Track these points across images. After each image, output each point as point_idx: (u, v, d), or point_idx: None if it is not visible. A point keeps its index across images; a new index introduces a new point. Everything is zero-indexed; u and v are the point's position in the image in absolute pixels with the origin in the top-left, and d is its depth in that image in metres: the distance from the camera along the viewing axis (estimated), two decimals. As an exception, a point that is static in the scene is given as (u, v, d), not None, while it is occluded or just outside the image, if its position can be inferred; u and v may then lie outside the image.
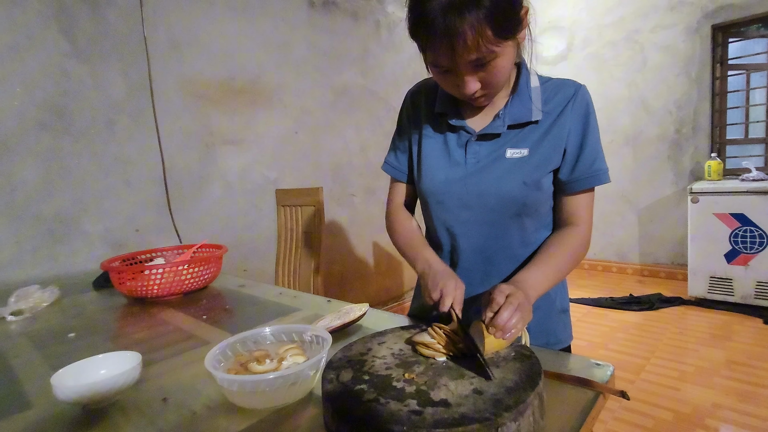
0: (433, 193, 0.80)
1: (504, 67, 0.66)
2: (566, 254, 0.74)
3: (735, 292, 2.78)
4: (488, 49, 0.60)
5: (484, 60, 0.62)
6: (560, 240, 0.76)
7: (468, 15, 0.57)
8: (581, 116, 0.75)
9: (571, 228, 0.77)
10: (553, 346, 0.84)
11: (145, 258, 1.30)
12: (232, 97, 2.10)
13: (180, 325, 0.92)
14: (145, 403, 0.59)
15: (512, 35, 0.63)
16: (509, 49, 0.64)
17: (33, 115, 1.53)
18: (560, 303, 0.86)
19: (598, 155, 0.76)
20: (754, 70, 3.36)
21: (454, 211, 0.79)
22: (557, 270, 0.73)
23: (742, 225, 2.70)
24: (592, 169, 0.75)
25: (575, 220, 0.77)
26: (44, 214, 1.55)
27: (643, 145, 3.58)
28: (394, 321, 0.86)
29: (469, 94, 0.68)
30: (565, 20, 3.91)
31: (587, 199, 0.78)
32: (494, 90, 0.70)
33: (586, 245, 0.77)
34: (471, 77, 0.65)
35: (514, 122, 0.75)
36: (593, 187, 0.77)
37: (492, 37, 0.59)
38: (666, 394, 1.86)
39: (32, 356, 0.79)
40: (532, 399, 0.45)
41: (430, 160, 0.81)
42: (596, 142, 0.76)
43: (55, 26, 1.56)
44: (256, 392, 0.52)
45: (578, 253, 0.76)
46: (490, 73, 0.65)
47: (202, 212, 2.01)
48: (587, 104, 0.76)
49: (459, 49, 0.60)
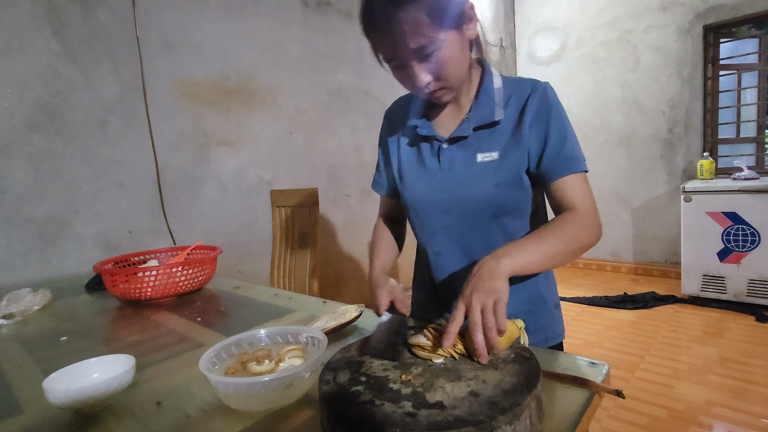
0: (414, 202, 0.84)
1: (451, 57, 0.67)
2: (554, 227, 0.69)
3: (728, 290, 2.81)
4: (427, 38, 0.64)
5: (426, 50, 0.65)
6: (552, 221, 0.72)
7: (405, 5, 0.61)
8: (540, 110, 0.74)
9: (566, 212, 0.73)
10: (551, 341, 0.86)
11: (139, 260, 1.29)
12: (226, 97, 2.09)
13: (174, 328, 0.92)
14: (139, 406, 0.58)
15: (452, 25, 0.66)
16: (453, 39, 0.67)
17: (24, 116, 1.51)
18: (552, 299, 0.87)
19: (565, 144, 0.73)
20: (745, 70, 3.39)
21: (436, 217, 0.82)
22: (540, 239, 0.66)
23: (735, 223, 2.73)
24: (560, 157, 0.72)
25: (567, 205, 0.73)
26: (35, 216, 1.53)
27: (637, 145, 3.60)
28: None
29: (422, 86, 0.70)
30: (558, 21, 3.93)
31: (572, 184, 0.73)
32: (448, 83, 0.71)
33: (584, 225, 0.70)
34: (420, 68, 0.68)
35: (479, 124, 0.77)
36: (576, 173, 0.73)
37: (429, 24, 0.63)
38: (660, 392, 1.88)
39: (24, 360, 0.78)
40: (528, 402, 0.44)
41: (409, 172, 0.85)
42: (562, 132, 0.73)
43: (46, 26, 1.55)
44: (251, 395, 0.52)
45: (571, 230, 0.68)
46: (438, 64, 0.67)
47: (196, 213, 1.99)
48: (546, 99, 0.74)
49: (399, 38, 0.64)
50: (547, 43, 4.03)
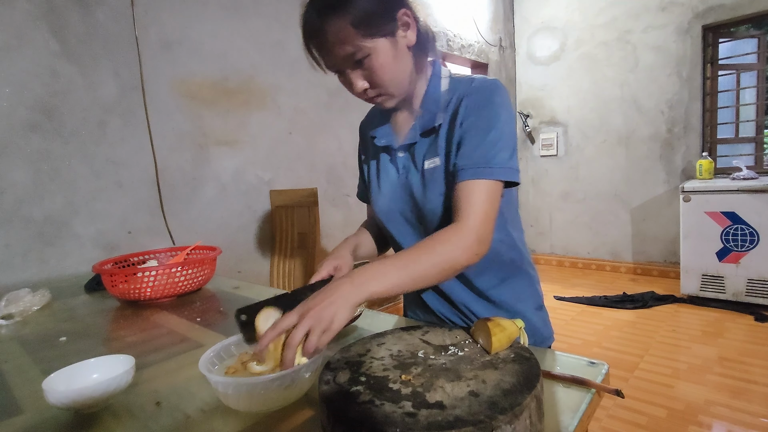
0: (377, 212, 0.85)
1: (383, 65, 0.68)
2: (425, 247, 0.63)
3: (727, 290, 2.81)
4: (355, 46, 0.65)
5: (355, 57, 0.66)
6: (427, 238, 0.66)
7: (331, 14, 0.64)
8: (469, 110, 0.71)
9: (446, 227, 0.67)
10: (540, 345, 0.84)
11: (138, 260, 1.29)
12: (226, 97, 2.09)
13: (173, 328, 0.92)
14: (138, 407, 0.58)
15: (379, 33, 0.66)
16: (384, 47, 0.67)
17: (22, 116, 1.51)
18: (533, 300, 0.85)
19: (480, 146, 0.68)
20: (744, 70, 3.40)
21: (399, 226, 0.83)
22: (407, 261, 0.61)
23: (733, 223, 2.74)
24: (470, 159, 0.68)
25: (456, 213, 0.67)
26: (34, 217, 1.53)
27: (636, 145, 3.61)
28: (389, 321, 0.86)
29: (358, 92, 0.71)
30: (557, 21, 3.94)
31: (470, 191, 0.67)
32: (385, 89, 0.71)
33: (458, 243, 0.63)
34: (355, 75, 0.69)
35: (423, 129, 0.76)
36: (479, 179, 0.67)
37: (354, 33, 0.64)
38: (659, 392, 1.88)
39: (23, 361, 0.78)
40: (528, 401, 0.44)
41: (373, 183, 0.86)
42: (484, 134, 0.68)
43: (44, 26, 1.55)
44: (251, 395, 0.52)
45: (441, 250, 0.62)
46: (371, 71, 0.68)
47: (196, 214, 1.99)
48: (481, 98, 0.71)
49: (328, 46, 0.66)
50: (547, 43, 4.03)
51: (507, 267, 0.81)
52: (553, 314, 1.42)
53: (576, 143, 3.94)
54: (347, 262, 0.78)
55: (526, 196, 4.33)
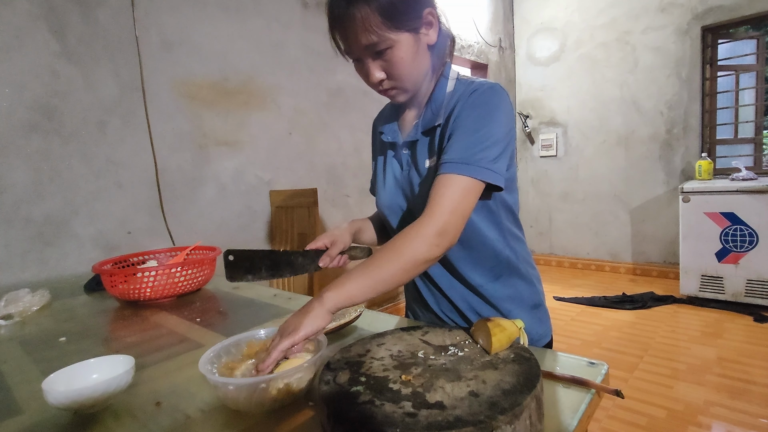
0: (381, 206, 0.87)
1: (403, 58, 0.68)
2: (388, 247, 0.64)
3: (726, 290, 2.82)
4: (379, 36, 0.65)
5: (377, 47, 0.67)
6: (392, 238, 0.66)
7: (359, 2, 0.64)
8: (462, 110, 0.71)
9: (412, 223, 0.66)
10: (534, 344, 0.83)
11: (138, 260, 1.29)
12: (225, 97, 2.09)
13: (173, 328, 0.92)
14: (138, 407, 0.58)
15: (404, 27, 0.67)
16: (407, 41, 0.68)
17: (22, 116, 1.51)
18: (530, 298, 0.84)
19: (464, 143, 0.68)
20: (743, 71, 3.41)
21: (400, 220, 0.84)
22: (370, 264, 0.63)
23: (733, 224, 2.74)
24: (451, 154, 0.68)
25: (428, 205, 0.66)
26: (34, 217, 1.53)
27: (635, 145, 3.61)
28: (389, 321, 0.86)
29: (374, 83, 0.72)
30: (557, 21, 3.94)
31: (443, 183, 0.66)
32: (401, 83, 0.72)
33: (419, 237, 0.63)
34: (373, 65, 0.70)
35: (425, 128, 0.78)
36: (455, 174, 0.66)
37: (381, 23, 0.65)
38: (659, 392, 1.88)
39: (23, 361, 0.78)
40: (528, 402, 0.44)
41: (379, 177, 0.88)
42: (471, 132, 0.68)
43: (44, 26, 1.55)
44: (250, 395, 0.52)
45: (400, 246, 0.63)
46: (391, 63, 0.69)
47: (196, 214, 1.99)
48: (476, 99, 0.71)
49: (351, 33, 0.67)
50: (546, 44, 4.04)
51: (502, 265, 0.81)
52: (552, 314, 1.42)
53: (575, 144, 3.94)
54: (344, 239, 0.82)
55: (525, 197, 4.33)
